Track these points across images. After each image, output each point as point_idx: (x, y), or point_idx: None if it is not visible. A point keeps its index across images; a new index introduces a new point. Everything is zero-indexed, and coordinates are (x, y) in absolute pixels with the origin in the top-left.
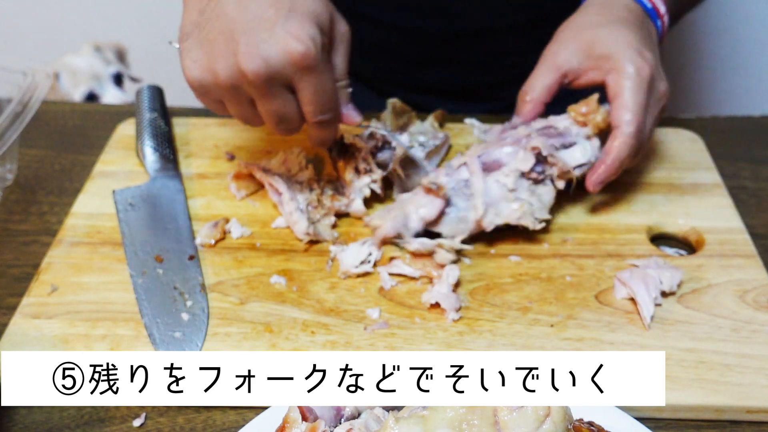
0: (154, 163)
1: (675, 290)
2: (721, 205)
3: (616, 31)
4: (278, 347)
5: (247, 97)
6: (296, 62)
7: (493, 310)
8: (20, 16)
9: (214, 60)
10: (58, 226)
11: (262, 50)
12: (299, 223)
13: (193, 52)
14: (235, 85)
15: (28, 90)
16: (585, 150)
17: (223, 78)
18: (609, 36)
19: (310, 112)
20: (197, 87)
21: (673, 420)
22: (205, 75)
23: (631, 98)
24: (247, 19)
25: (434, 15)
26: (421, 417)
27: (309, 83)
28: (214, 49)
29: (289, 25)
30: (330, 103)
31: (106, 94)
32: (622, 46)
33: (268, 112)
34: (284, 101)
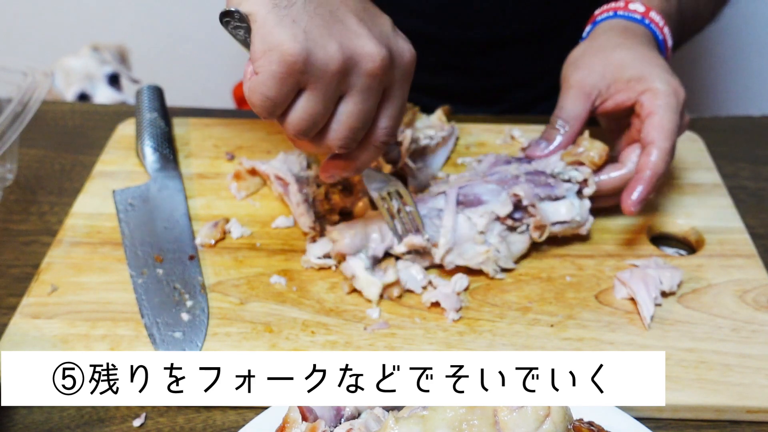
0: (154, 163)
1: (675, 290)
2: (721, 205)
3: (643, 54)
4: (278, 347)
5: (338, 89)
6: (410, 62)
7: (493, 310)
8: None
9: (335, 35)
10: (58, 226)
11: (386, 39)
12: (305, 215)
13: (302, 22)
14: (345, 70)
15: (28, 90)
16: (572, 208)
17: (337, 56)
18: (638, 58)
19: (388, 127)
20: (291, 62)
21: (673, 420)
22: (314, 48)
23: (667, 116)
24: (365, 12)
25: (449, 23)
26: (421, 417)
27: (403, 91)
28: (338, 25)
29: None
30: (399, 125)
31: (98, 94)
32: (655, 69)
33: (348, 115)
34: (372, 106)
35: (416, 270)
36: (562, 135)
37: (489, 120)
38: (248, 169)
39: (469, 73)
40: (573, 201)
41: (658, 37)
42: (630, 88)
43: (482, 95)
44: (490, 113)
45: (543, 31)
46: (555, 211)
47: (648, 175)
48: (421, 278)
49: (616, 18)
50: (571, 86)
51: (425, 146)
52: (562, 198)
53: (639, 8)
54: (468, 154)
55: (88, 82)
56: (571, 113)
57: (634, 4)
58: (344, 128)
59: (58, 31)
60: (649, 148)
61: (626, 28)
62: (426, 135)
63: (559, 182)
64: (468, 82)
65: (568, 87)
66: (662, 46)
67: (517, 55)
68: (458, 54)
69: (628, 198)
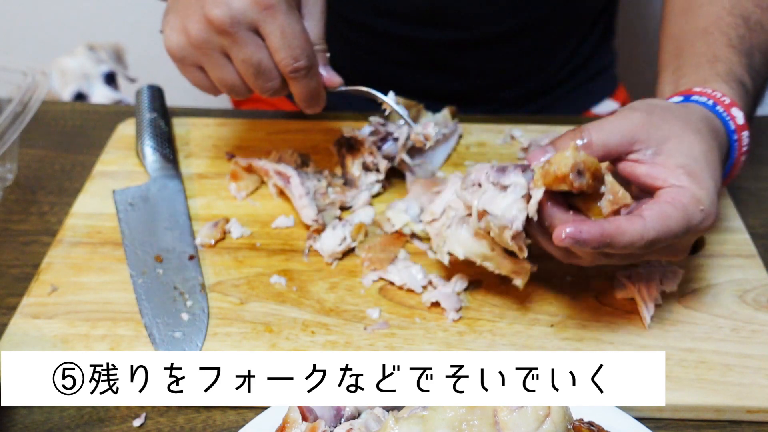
0: (154, 163)
1: (675, 290)
2: (721, 205)
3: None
4: (278, 347)
5: (221, 52)
6: (259, 2)
7: (493, 310)
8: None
9: (186, 20)
10: (58, 226)
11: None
12: (308, 208)
13: (170, 21)
14: (207, 39)
15: (28, 90)
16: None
17: (194, 34)
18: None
19: (282, 59)
20: (176, 53)
21: (673, 420)
22: (180, 37)
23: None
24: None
25: (427, 24)
26: (421, 417)
27: (274, 25)
28: (186, 10)
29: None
30: (300, 48)
31: (95, 93)
32: (709, 181)
33: (243, 63)
34: (256, 48)
35: (416, 270)
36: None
37: (489, 120)
38: (244, 166)
39: (453, 73)
40: (514, 198)
41: (729, 132)
42: (672, 174)
43: (469, 95)
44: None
45: (523, 29)
46: (491, 198)
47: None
48: (421, 278)
49: (696, 104)
50: (628, 118)
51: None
52: (507, 188)
53: (725, 100)
54: (468, 154)
55: (85, 81)
56: (603, 138)
57: (720, 94)
58: (249, 77)
59: (57, 30)
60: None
61: (703, 118)
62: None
63: (513, 171)
64: (452, 83)
65: (624, 116)
66: (731, 136)
67: (499, 54)
68: (441, 55)
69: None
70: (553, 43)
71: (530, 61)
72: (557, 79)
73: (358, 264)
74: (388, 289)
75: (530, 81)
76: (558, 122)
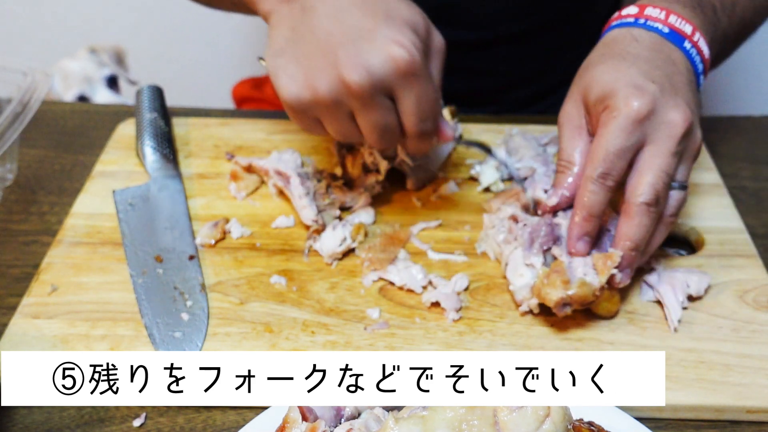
0: (154, 163)
1: (702, 294)
2: (721, 205)
3: (612, 67)
4: (278, 347)
5: (347, 111)
6: (400, 69)
7: (493, 310)
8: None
9: (313, 75)
10: (58, 226)
11: (364, 59)
12: (308, 208)
13: (289, 69)
14: (337, 100)
15: (28, 90)
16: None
17: (323, 92)
18: (605, 74)
19: (411, 122)
20: (296, 105)
21: (673, 420)
22: (303, 91)
23: (603, 141)
24: (344, 30)
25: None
26: (421, 417)
27: (412, 91)
28: (313, 64)
29: (389, 32)
30: (431, 112)
31: (97, 97)
32: (617, 84)
33: (370, 125)
34: (386, 111)
35: (416, 270)
36: (570, 174)
37: (489, 120)
38: (244, 166)
39: (463, 74)
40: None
41: (661, 32)
42: (597, 113)
43: (478, 96)
44: (488, 113)
45: (535, 31)
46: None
47: (577, 207)
48: (421, 278)
49: (609, 32)
50: (562, 122)
51: None
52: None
53: (632, 11)
54: (468, 154)
55: (87, 84)
56: (573, 153)
57: (627, 9)
58: (372, 135)
59: (58, 31)
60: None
61: (612, 40)
62: None
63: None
64: (462, 84)
65: (562, 123)
66: (677, 39)
67: (510, 55)
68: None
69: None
70: (564, 44)
71: (540, 63)
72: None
73: (358, 264)
74: (388, 289)
75: (538, 82)
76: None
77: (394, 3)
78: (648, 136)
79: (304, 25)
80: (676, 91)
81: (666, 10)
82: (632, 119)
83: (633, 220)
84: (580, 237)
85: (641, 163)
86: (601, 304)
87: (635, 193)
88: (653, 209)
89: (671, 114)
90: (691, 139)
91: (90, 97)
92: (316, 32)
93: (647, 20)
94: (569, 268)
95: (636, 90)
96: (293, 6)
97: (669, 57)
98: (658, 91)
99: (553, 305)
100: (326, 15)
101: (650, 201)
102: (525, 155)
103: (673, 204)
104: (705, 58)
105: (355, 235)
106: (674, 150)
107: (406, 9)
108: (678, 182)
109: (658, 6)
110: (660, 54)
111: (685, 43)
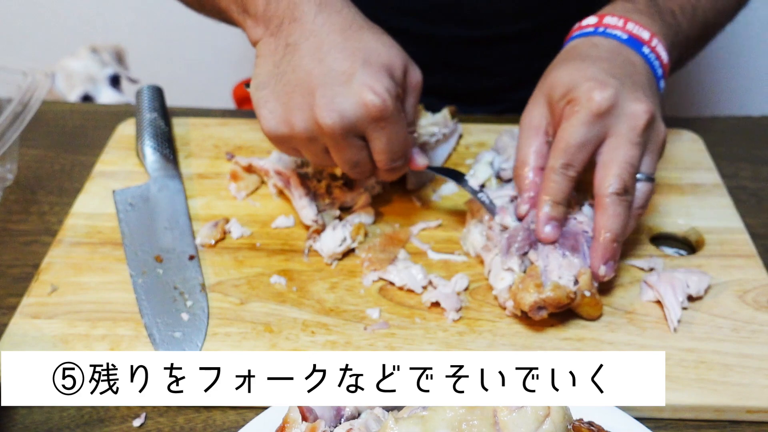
0: (154, 163)
1: (702, 294)
2: (721, 205)
3: (573, 68)
4: (278, 347)
5: (322, 146)
6: (371, 114)
7: (493, 310)
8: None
9: (291, 112)
10: (58, 226)
11: (337, 103)
12: (307, 208)
13: (269, 104)
14: (312, 137)
15: (28, 90)
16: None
17: (299, 130)
18: (566, 74)
19: (382, 160)
20: (274, 137)
21: (673, 420)
22: (281, 127)
23: (566, 134)
24: (323, 71)
25: (443, 21)
26: (421, 417)
27: (382, 133)
28: (291, 102)
29: (364, 77)
30: (401, 152)
31: (101, 96)
32: (578, 80)
33: (343, 160)
34: (358, 150)
35: (416, 270)
36: (525, 177)
37: (489, 120)
38: (244, 166)
39: (466, 72)
40: (506, 285)
41: (619, 38)
42: (560, 109)
43: (481, 95)
44: (490, 113)
45: (538, 29)
46: (495, 275)
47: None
48: (421, 278)
49: (570, 41)
50: (522, 125)
51: (425, 143)
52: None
53: (591, 21)
54: (468, 154)
55: (91, 84)
56: (525, 154)
57: (587, 20)
58: (345, 168)
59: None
60: (545, 172)
61: (573, 47)
62: (428, 132)
63: (514, 257)
64: (465, 82)
65: (521, 127)
66: (635, 44)
67: (513, 53)
68: (455, 53)
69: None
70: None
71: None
72: None
73: (358, 264)
74: (388, 289)
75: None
76: None
77: (373, 44)
78: (610, 129)
79: (287, 63)
80: (636, 87)
81: (624, 18)
82: (594, 112)
83: (607, 212)
84: (547, 222)
85: (604, 155)
86: (584, 309)
87: (603, 185)
88: (623, 197)
89: (633, 106)
90: (654, 131)
91: (94, 97)
92: (297, 71)
93: (606, 28)
94: (544, 272)
95: (598, 84)
96: (279, 40)
97: (628, 59)
98: (620, 85)
99: (528, 308)
100: (308, 54)
101: (619, 190)
102: (513, 155)
103: (641, 196)
104: (664, 62)
105: (355, 235)
106: (636, 140)
107: (384, 51)
108: (644, 174)
109: (616, 15)
110: (619, 56)
111: (644, 48)
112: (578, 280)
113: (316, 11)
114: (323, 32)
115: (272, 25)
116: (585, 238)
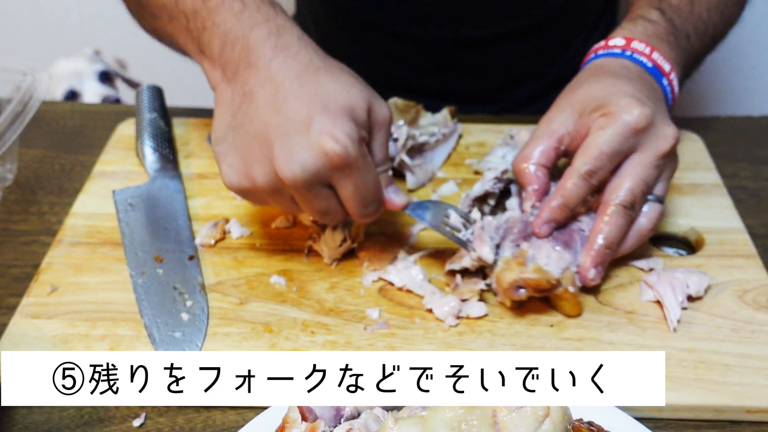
0: (154, 163)
1: (702, 294)
2: (721, 205)
3: (609, 83)
4: (278, 347)
5: (289, 196)
6: (333, 163)
7: (493, 310)
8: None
9: (250, 166)
10: (58, 226)
11: (297, 155)
12: None
13: (229, 157)
14: (275, 189)
15: (28, 90)
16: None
17: (261, 184)
18: (602, 89)
19: (353, 207)
20: (237, 191)
21: (673, 420)
22: (243, 181)
23: (599, 141)
24: (280, 122)
25: (439, 22)
26: (421, 417)
27: (348, 182)
28: (250, 155)
29: (322, 124)
30: (372, 197)
31: (87, 91)
32: (616, 95)
33: (311, 210)
34: (325, 199)
35: (416, 270)
36: (526, 170)
37: (489, 120)
38: None
39: (464, 72)
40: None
41: (645, 66)
42: (591, 120)
43: (480, 94)
44: (490, 113)
45: (535, 27)
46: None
47: (556, 197)
48: (421, 279)
49: (596, 59)
50: (539, 125)
51: (424, 143)
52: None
53: (619, 42)
54: (468, 154)
55: (76, 79)
56: (533, 151)
57: (614, 40)
58: (315, 217)
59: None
60: (566, 173)
61: (602, 65)
62: (428, 132)
63: (507, 245)
64: (464, 82)
65: (537, 128)
66: (656, 73)
67: (511, 52)
68: (453, 54)
69: (538, 215)
70: (563, 40)
71: (540, 60)
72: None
73: (358, 264)
74: (388, 289)
75: (539, 80)
76: None
77: (332, 86)
78: (638, 146)
79: (243, 113)
80: (664, 113)
81: (651, 46)
82: (632, 126)
83: (609, 219)
84: (546, 221)
85: (624, 169)
86: (563, 304)
87: (613, 194)
88: (628, 212)
89: (666, 129)
90: (673, 159)
91: (79, 91)
92: (254, 122)
93: (633, 53)
94: (531, 259)
95: (637, 101)
96: (235, 87)
97: (653, 86)
98: (654, 107)
99: (507, 286)
100: (264, 104)
101: (626, 203)
102: None
103: (652, 216)
104: (675, 95)
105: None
106: (657, 162)
107: (344, 93)
108: (655, 196)
109: (643, 41)
110: (646, 82)
111: (663, 80)
112: (564, 273)
113: (271, 56)
114: (279, 78)
115: (228, 71)
116: (580, 237)
